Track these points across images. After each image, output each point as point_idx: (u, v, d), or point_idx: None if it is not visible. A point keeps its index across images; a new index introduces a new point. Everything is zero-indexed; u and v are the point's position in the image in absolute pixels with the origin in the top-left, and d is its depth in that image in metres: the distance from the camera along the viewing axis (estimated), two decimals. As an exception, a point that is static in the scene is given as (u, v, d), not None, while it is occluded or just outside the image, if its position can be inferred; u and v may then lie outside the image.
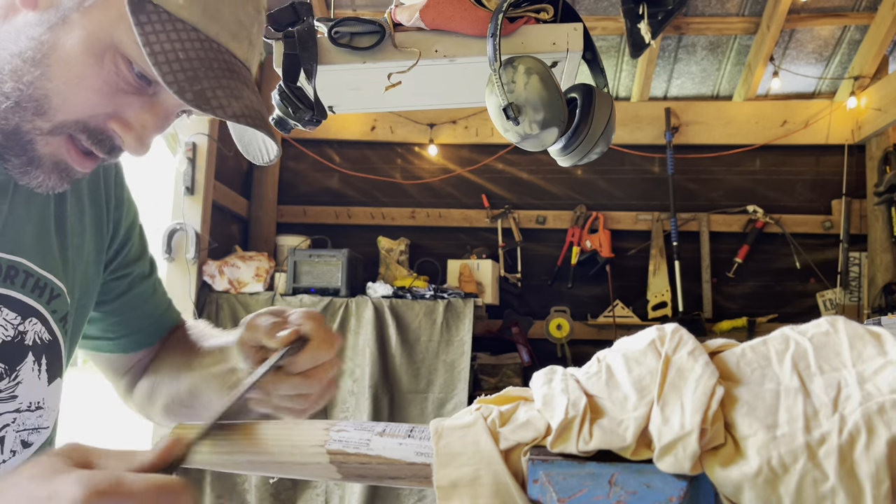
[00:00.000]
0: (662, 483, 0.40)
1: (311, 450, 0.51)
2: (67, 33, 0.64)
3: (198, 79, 0.63)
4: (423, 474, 0.48)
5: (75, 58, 0.64)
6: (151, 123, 0.69)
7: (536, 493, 0.42)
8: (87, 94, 0.65)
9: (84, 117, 0.66)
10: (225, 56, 0.67)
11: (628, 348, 0.47)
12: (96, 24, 0.64)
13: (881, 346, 0.40)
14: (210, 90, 0.63)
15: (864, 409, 0.36)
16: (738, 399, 0.40)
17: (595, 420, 0.42)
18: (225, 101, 0.64)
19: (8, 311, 0.74)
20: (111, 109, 0.67)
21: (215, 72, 0.65)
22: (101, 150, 0.69)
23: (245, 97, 0.67)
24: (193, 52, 0.64)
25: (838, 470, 0.35)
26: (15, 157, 0.67)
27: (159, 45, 0.62)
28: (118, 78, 0.65)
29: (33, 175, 0.68)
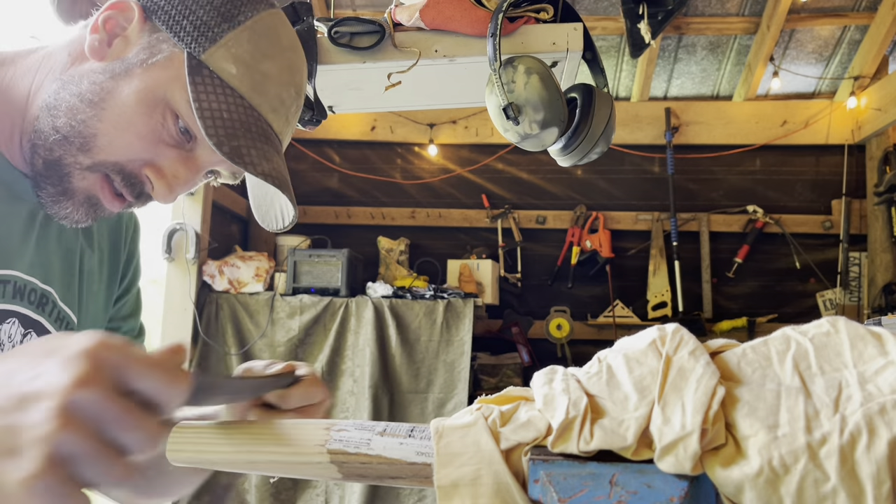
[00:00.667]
0: (663, 483, 0.40)
1: (312, 449, 0.51)
2: (127, 83, 0.70)
3: (236, 136, 0.69)
4: (423, 474, 0.48)
5: (129, 105, 0.69)
6: (183, 175, 0.74)
7: (537, 493, 0.42)
8: (132, 139, 0.70)
9: (123, 160, 0.71)
10: (263, 125, 0.73)
11: (629, 348, 0.46)
12: (155, 79, 0.70)
13: (882, 347, 0.40)
14: (245, 148, 0.69)
15: (865, 409, 0.36)
16: (739, 399, 0.40)
17: (596, 420, 0.42)
18: (256, 160, 0.70)
19: (37, 336, 0.77)
20: (149, 157, 0.72)
21: (252, 135, 0.71)
22: (131, 194, 0.73)
23: (275, 161, 0.73)
24: (237, 115, 0.70)
25: (839, 470, 0.35)
26: (51, 185, 0.71)
27: (207, 103, 0.68)
28: (163, 129, 0.71)
29: (63, 205, 0.72)
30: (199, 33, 0.71)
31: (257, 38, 0.73)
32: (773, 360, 0.42)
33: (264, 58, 0.73)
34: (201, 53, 0.70)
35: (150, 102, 0.70)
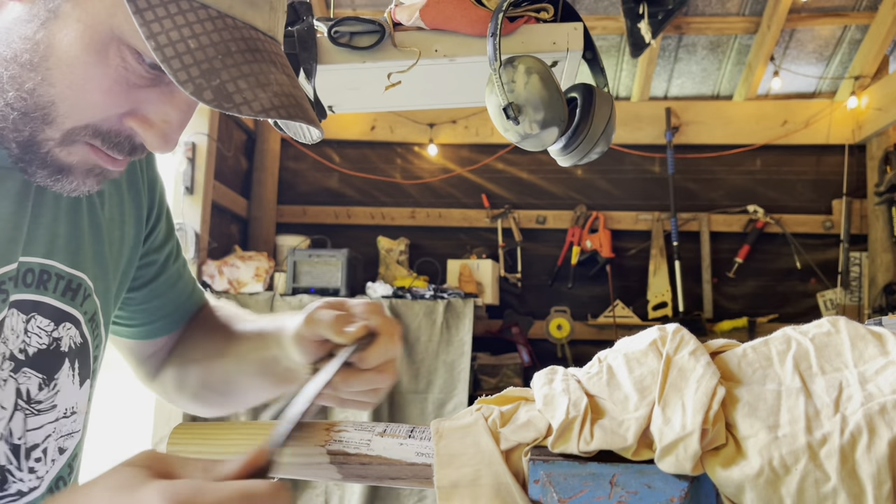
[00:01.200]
0: (663, 483, 0.40)
1: (312, 450, 0.51)
2: (62, 29, 0.56)
3: (215, 71, 0.54)
4: (423, 475, 0.48)
5: (76, 56, 0.56)
6: (174, 117, 0.61)
7: (537, 494, 0.42)
8: (96, 97, 0.58)
9: (95, 121, 0.59)
10: (243, 32, 0.57)
11: (629, 348, 0.46)
12: (92, 14, 0.56)
13: (883, 347, 0.39)
14: (231, 82, 0.55)
15: (865, 409, 0.36)
16: (740, 399, 0.40)
17: (596, 420, 0.42)
18: (250, 95, 0.55)
19: (42, 318, 0.71)
20: (126, 108, 0.59)
21: (234, 57, 0.55)
22: (121, 153, 0.62)
23: (273, 82, 0.58)
24: (206, 38, 0.55)
25: (840, 470, 0.35)
26: (39, 168, 0.61)
27: (164, 34, 0.53)
28: (127, 72, 0.57)
29: (66, 182, 0.62)
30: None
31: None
32: (773, 361, 0.42)
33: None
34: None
35: (98, 46, 0.56)
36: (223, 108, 0.54)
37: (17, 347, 0.69)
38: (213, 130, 3.23)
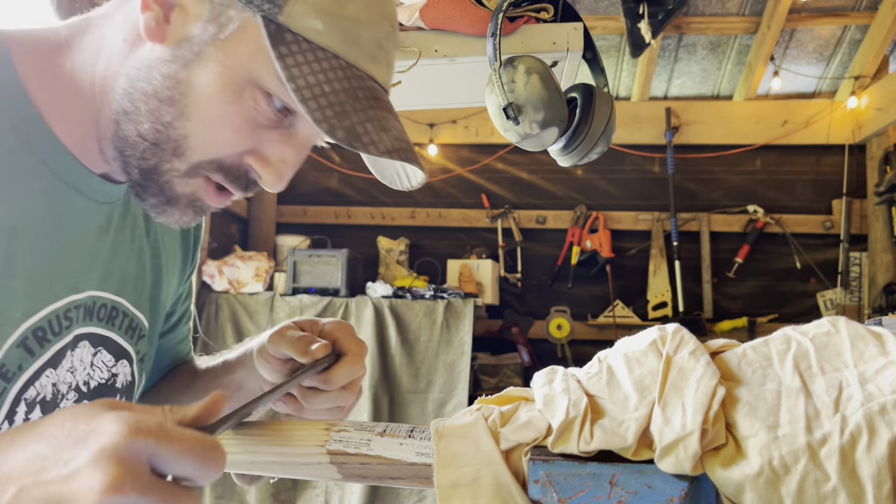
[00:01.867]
0: (663, 483, 0.40)
1: (312, 450, 0.51)
2: (203, 69, 0.61)
3: (346, 113, 0.59)
4: (423, 475, 0.48)
5: (213, 96, 0.61)
6: (290, 157, 0.66)
7: (537, 494, 0.42)
8: (227, 133, 0.62)
9: (221, 156, 0.64)
10: (367, 83, 0.63)
11: (629, 348, 0.46)
12: (233, 58, 0.61)
13: (882, 347, 0.39)
14: (360, 125, 0.60)
15: (865, 409, 0.36)
16: (740, 399, 0.40)
17: (596, 420, 0.42)
18: (376, 137, 0.60)
19: (106, 353, 0.75)
20: (250, 146, 0.64)
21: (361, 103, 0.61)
22: (238, 188, 0.66)
23: (392, 128, 0.63)
24: (338, 84, 0.60)
25: (840, 470, 0.35)
26: (153, 196, 0.65)
27: (303, 78, 0.58)
28: (257, 113, 0.62)
29: (170, 213, 0.67)
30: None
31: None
32: (773, 361, 0.42)
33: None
34: (278, 15, 0.59)
35: (236, 87, 0.61)
36: (353, 146, 0.59)
37: (83, 379, 0.72)
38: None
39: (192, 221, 0.69)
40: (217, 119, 0.62)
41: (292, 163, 0.66)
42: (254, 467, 0.55)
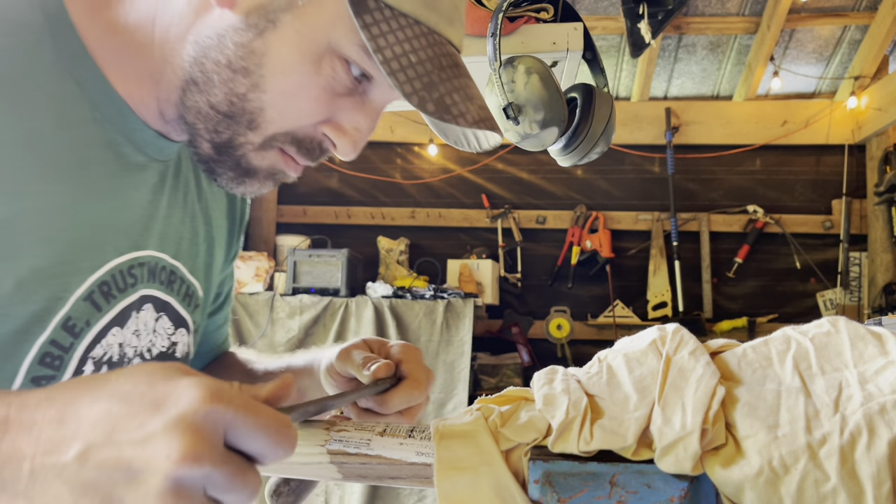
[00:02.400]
0: (663, 483, 0.40)
1: (312, 449, 0.51)
2: (280, 39, 0.58)
3: (434, 84, 0.57)
4: (423, 474, 0.48)
5: (291, 66, 0.59)
6: (365, 125, 0.64)
7: (537, 494, 0.42)
8: (305, 104, 0.60)
9: (296, 128, 0.62)
10: (447, 48, 0.61)
11: (629, 348, 0.46)
12: (311, 26, 0.58)
13: (882, 347, 0.40)
14: (448, 95, 0.58)
15: (865, 409, 0.36)
16: (739, 399, 0.40)
17: (596, 420, 0.42)
18: (463, 108, 0.59)
19: (167, 319, 0.72)
20: (325, 116, 0.62)
21: (446, 72, 0.59)
22: (311, 158, 0.64)
23: (476, 97, 0.61)
24: (423, 53, 0.58)
25: (839, 470, 0.35)
26: (229, 170, 0.63)
27: (389, 49, 0.56)
28: (335, 82, 0.60)
29: (249, 184, 0.65)
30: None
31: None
32: (773, 361, 0.42)
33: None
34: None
35: (315, 56, 0.58)
36: (443, 118, 0.57)
37: (146, 345, 0.70)
38: (213, 130, 3.23)
39: (267, 190, 0.67)
40: (295, 90, 0.59)
41: (366, 130, 0.64)
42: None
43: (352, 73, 0.60)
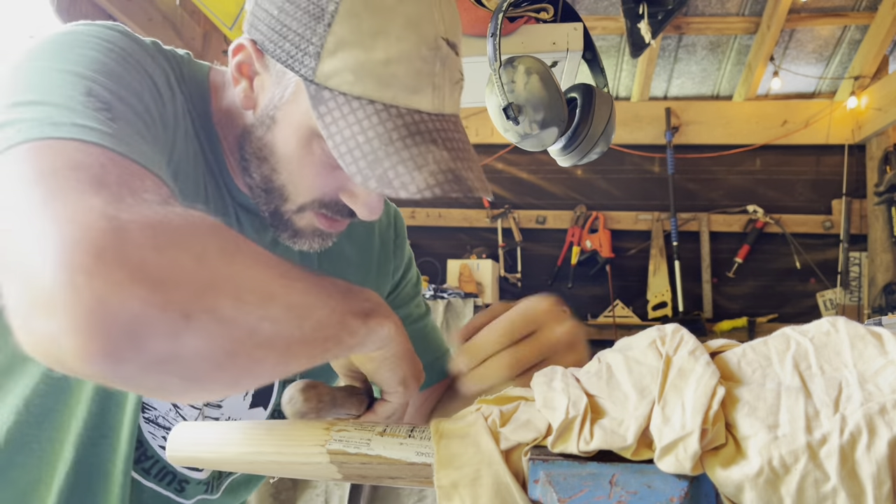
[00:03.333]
0: (663, 483, 0.40)
1: (312, 449, 0.51)
2: (279, 131, 0.70)
3: (378, 161, 0.63)
4: (423, 474, 0.48)
5: (290, 152, 0.70)
6: (376, 195, 0.71)
7: (537, 494, 0.42)
8: (310, 180, 0.70)
9: (318, 197, 0.72)
10: (405, 119, 0.65)
11: (628, 348, 0.46)
12: (295, 116, 0.68)
13: (882, 347, 0.40)
14: (392, 169, 0.63)
15: (865, 409, 0.36)
16: (739, 399, 0.40)
17: (596, 420, 0.42)
18: (407, 178, 0.63)
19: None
20: (337, 184, 0.71)
21: (395, 145, 0.64)
22: (343, 216, 0.74)
23: (430, 162, 0.64)
24: (372, 131, 0.63)
25: (840, 470, 0.35)
26: (282, 230, 0.75)
27: (339, 134, 0.64)
28: (328, 159, 0.69)
29: (301, 242, 0.76)
30: (300, 52, 0.65)
31: (355, 19, 0.64)
32: (773, 360, 0.42)
33: (374, 38, 0.64)
34: (313, 76, 0.65)
35: (304, 141, 0.68)
36: (384, 192, 0.63)
37: None
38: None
39: (324, 245, 0.77)
40: (298, 170, 0.70)
41: (377, 198, 0.72)
42: (254, 467, 0.55)
43: None
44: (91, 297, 0.40)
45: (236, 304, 0.45)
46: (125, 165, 0.52)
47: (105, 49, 0.62)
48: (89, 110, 0.55)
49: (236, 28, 2.63)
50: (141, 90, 0.63)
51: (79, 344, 0.40)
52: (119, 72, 0.62)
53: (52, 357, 0.43)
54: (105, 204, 0.45)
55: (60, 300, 0.41)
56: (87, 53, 0.61)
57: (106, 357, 0.41)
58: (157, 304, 0.41)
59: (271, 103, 0.69)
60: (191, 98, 0.75)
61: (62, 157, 0.50)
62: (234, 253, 0.48)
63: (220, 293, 0.44)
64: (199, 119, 0.76)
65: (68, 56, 0.60)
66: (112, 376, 0.42)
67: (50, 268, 0.42)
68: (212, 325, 0.43)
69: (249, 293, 0.46)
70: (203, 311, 0.43)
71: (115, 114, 0.56)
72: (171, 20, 3.03)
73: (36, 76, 0.58)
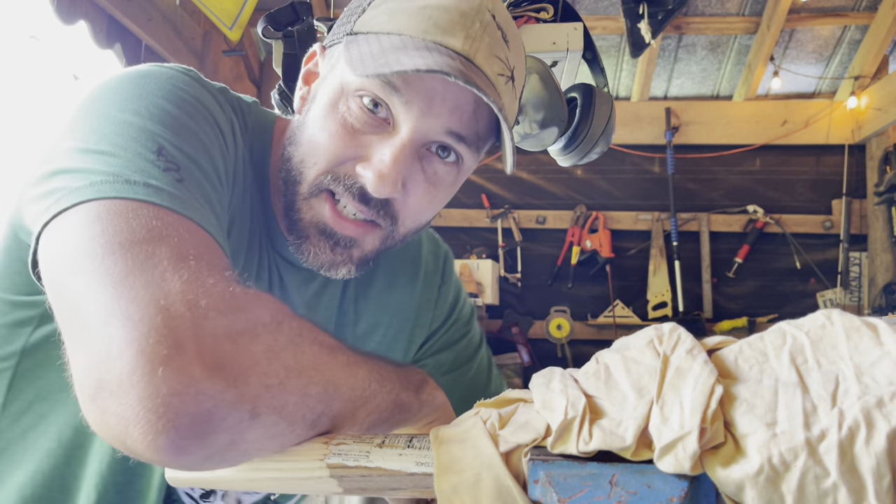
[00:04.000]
0: (663, 483, 0.39)
1: (311, 464, 0.51)
2: (314, 106, 0.70)
3: (384, 56, 0.61)
4: (424, 484, 0.48)
5: (316, 117, 0.68)
6: (388, 156, 0.65)
7: (537, 494, 0.42)
8: (327, 141, 0.67)
9: (331, 166, 0.67)
10: (428, 44, 0.63)
11: (626, 348, 0.46)
12: (329, 81, 0.69)
13: (877, 338, 0.39)
14: (395, 59, 0.60)
15: (862, 402, 0.36)
16: (737, 397, 0.40)
17: (595, 421, 0.42)
18: (406, 59, 0.60)
19: None
20: (353, 153, 0.67)
21: (408, 50, 0.61)
22: (354, 199, 0.68)
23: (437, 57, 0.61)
24: (388, 42, 0.63)
25: (839, 465, 0.35)
26: (292, 235, 0.71)
27: (357, 50, 0.63)
28: (351, 117, 0.66)
29: (305, 249, 0.71)
30: (348, 21, 0.69)
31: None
32: (769, 356, 0.42)
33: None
34: (353, 28, 0.67)
35: (332, 101, 0.67)
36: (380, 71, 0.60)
37: None
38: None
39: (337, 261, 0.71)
40: (317, 132, 0.68)
41: (391, 161, 0.65)
42: (253, 485, 0.54)
43: (364, 106, 0.66)
44: (168, 390, 0.41)
45: (302, 400, 0.46)
46: (201, 237, 0.52)
47: (178, 100, 0.62)
48: (160, 171, 0.54)
49: (236, 28, 2.63)
50: (210, 146, 0.63)
51: (149, 435, 0.41)
52: (191, 126, 0.61)
53: (119, 440, 0.43)
54: (185, 286, 0.45)
55: (136, 388, 0.41)
56: (160, 103, 0.60)
57: (173, 450, 0.41)
58: (229, 401, 0.42)
59: (312, 89, 0.71)
60: (251, 149, 0.74)
61: (141, 224, 0.49)
62: (301, 344, 0.49)
63: (287, 390, 0.45)
64: (256, 170, 0.75)
65: (140, 106, 0.59)
66: (174, 465, 0.43)
67: (127, 352, 0.42)
68: (277, 421, 0.45)
69: (315, 387, 0.47)
70: (270, 409, 0.44)
71: (184, 174, 0.56)
72: (171, 20, 3.03)
73: (107, 124, 0.57)
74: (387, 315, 0.88)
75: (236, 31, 2.66)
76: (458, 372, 0.94)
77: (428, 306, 0.92)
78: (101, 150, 0.54)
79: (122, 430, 0.42)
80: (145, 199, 0.51)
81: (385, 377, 0.55)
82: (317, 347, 0.50)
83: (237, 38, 2.71)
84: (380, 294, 0.87)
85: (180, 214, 0.52)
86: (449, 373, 0.93)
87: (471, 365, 0.95)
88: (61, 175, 0.54)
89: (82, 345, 0.45)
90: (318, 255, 0.70)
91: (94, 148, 0.54)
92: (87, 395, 0.44)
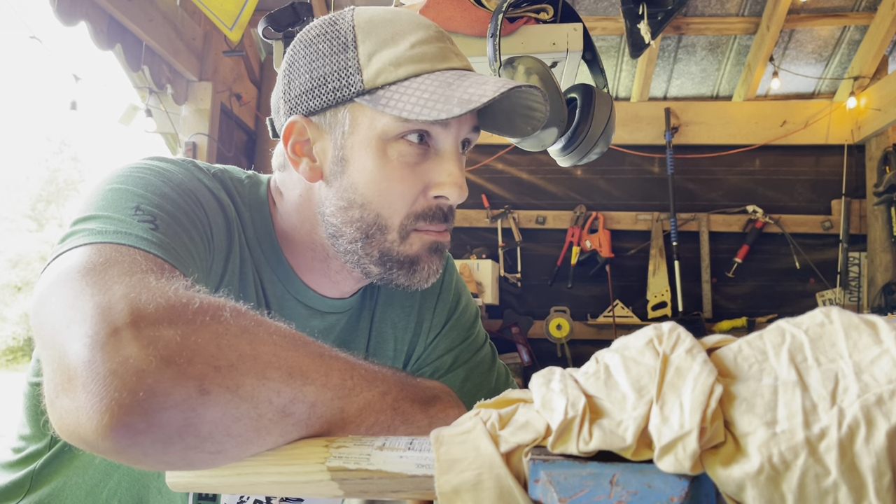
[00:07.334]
0: (664, 483, 0.39)
1: (312, 467, 0.51)
2: (353, 165, 0.73)
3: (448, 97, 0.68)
4: (425, 486, 0.48)
5: (371, 173, 0.72)
6: (453, 168, 0.74)
7: (538, 494, 0.42)
8: (398, 189, 0.72)
9: (411, 207, 0.74)
10: (449, 73, 0.72)
11: (626, 348, 0.46)
12: (361, 137, 0.72)
13: (876, 335, 0.39)
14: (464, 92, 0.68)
15: (862, 400, 0.36)
16: (737, 396, 0.40)
17: (595, 420, 0.42)
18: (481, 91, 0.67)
19: None
20: (422, 185, 0.74)
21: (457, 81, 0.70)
22: (441, 222, 0.75)
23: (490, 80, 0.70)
24: (428, 85, 0.70)
25: (839, 464, 0.35)
26: (398, 269, 0.76)
27: (403, 102, 0.69)
28: (406, 158, 0.72)
29: (419, 271, 0.76)
30: (344, 80, 0.72)
31: (372, 33, 0.73)
32: (768, 355, 0.42)
33: (393, 38, 0.72)
34: (363, 86, 0.71)
35: (378, 152, 0.72)
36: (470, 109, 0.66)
37: None
38: (213, 131, 3.23)
39: (438, 267, 0.77)
40: (385, 185, 0.72)
41: (458, 171, 0.74)
42: (255, 489, 0.54)
43: (411, 142, 0.72)
44: (106, 371, 0.42)
45: (261, 382, 0.46)
46: (157, 262, 0.56)
47: (164, 176, 0.69)
48: (136, 222, 0.60)
49: (237, 28, 2.63)
50: (189, 210, 0.68)
51: (94, 417, 0.42)
52: (170, 195, 0.67)
53: (75, 434, 0.44)
54: (128, 289, 0.48)
55: (80, 376, 0.43)
56: (145, 176, 0.67)
57: (121, 429, 0.42)
58: (170, 377, 0.43)
59: (336, 150, 0.73)
60: (252, 223, 0.79)
61: (102, 256, 0.54)
62: (257, 333, 0.50)
63: (240, 371, 0.46)
64: (262, 241, 0.79)
65: (128, 178, 0.66)
66: (131, 451, 0.43)
67: (72, 351, 0.44)
68: (233, 401, 0.45)
69: (275, 371, 0.48)
70: (222, 388, 0.45)
71: (159, 224, 0.62)
72: (171, 20, 3.03)
73: (97, 197, 0.64)
74: (391, 329, 0.92)
75: (237, 32, 2.66)
76: (458, 371, 0.95)
77: (425, 314, 0.95)
78: (88, 216, 0.61)
79: (75, 422, 0.43)
80: (112, 242, 0.57)
81: (378, 379, 0.55)
82: (277, 337, 0.51)
83: (237, 39, 2.71)
84: (384, 311, 0.92)
85: (140, 249, 0.57)
86: (448, 373, 0.95)
87: (471, 366, 0.96)
88: (56, 247, 0.60)
89: (46, 362, 0.48)
90: (430, 271, 0.76)
91: (84, 216, 0.61)
92: (48, 403, 0.46)
